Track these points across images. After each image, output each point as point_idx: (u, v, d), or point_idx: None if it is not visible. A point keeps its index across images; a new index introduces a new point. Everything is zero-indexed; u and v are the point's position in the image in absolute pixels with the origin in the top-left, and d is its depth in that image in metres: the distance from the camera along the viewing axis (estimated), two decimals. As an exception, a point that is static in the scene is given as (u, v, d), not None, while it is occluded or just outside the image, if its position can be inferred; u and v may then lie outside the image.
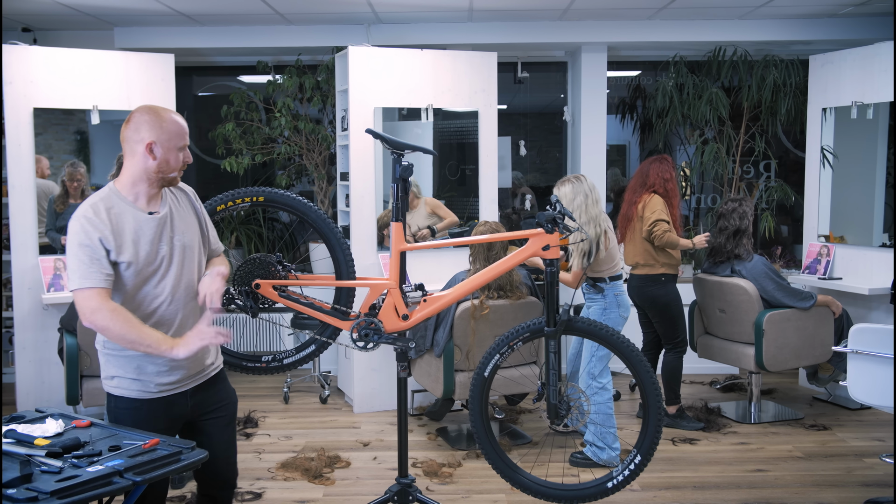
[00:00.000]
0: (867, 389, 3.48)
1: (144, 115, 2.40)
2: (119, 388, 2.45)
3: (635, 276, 4.83)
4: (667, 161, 4.81)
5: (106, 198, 2.39)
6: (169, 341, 2.34)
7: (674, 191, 4.75)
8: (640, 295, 4.83)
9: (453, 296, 3.12)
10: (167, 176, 2.43)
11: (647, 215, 4.67)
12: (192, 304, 2.51)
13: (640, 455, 3.11)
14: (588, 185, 4.14)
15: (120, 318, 2.28)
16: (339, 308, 3.10)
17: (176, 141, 2.41)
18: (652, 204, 4.69)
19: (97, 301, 2.28)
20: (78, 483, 1.96)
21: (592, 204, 4.11)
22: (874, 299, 5.21)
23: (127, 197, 2.41)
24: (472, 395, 3.22)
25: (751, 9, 5.59)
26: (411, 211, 5.59)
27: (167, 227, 2.45)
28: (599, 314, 4.36)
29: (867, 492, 3.86)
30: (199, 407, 2.56)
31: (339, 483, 4.04)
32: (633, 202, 4.78)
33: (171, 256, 2.44)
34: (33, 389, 4.92)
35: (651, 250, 4.70)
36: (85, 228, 2.31)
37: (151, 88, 5.22)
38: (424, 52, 5.30)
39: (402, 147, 3.04)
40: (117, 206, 2.38)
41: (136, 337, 2.29)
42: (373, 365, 5.22)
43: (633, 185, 4.85)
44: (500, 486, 3.89)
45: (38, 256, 4.92)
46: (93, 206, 2.36)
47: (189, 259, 2.50)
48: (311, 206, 3.07)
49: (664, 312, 4.79)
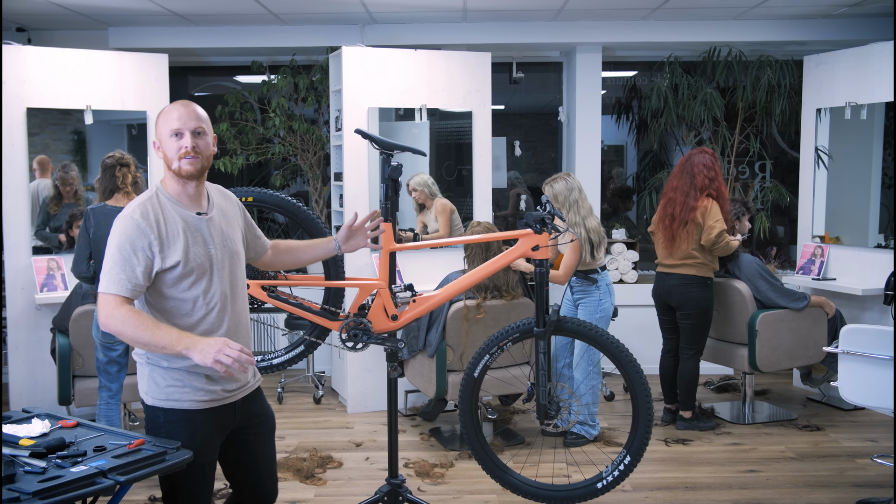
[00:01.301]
0: (858, 390, 3.48)
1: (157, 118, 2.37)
2: (169, 401, 2.32)
3: (674, 276, 4.68)
4: (708, 155, 4.64)
5: (153, 198, 2.31)
6: (185, 341, 2.17)
7: (722, 188, 4.63)
8: (681, 295, 4.67)
9: (443, 296, 3.11)
10: (179, 168, 2.31)
11: (710, 224, 4.52)
12: (236, 315, 2.41)
13: (630, 455, 3.11)
14: (577, 183, 4.36)
15: (132, 320, 2.18)
16: (329, 308, 3.09)
17: (164, 128, 2.32)
18: (713, 212, 4.53)
19: (112, 306, 2.20)
20: (61, 483, 1.95)
21: (583, 201, 4.36)
22: (868, 300, 5.21)
23: (172, 196, 2.33)
24: (461, 395, 3.22)
25: (745, 9, 5.59)
26: (426, 211, 5.58)
27: (217, 230, 2.38)
28: (596, 306, 4.41)
29: (859, 492, 3.86)
30: (244, 419, 2.47)
31: (330, 483, 4.04)
32: (691, 207, 4.57)
33: (221, 260, 2.36)
34: (26, 389, 4.92)
35: (702, 253, 4.60)
36: (129, 232, 2.23)
37: (145, 88, 5.22)
38: (418, 52, 5.30)
39: (392, 147, 3.03)
40: (166, 207, 2.30)
41: (150, 338, 2.17)
42: (366, 365, 5.22)
43: (679, 185, 4.65)
44: (492, 487, 3.89)
45: (31, 256, 4.92)
46: (140, 207, 2.27)
47: (237, 265, 2.44)
48: (300, 207, 3.07)
49: (702, 316, 4.69)
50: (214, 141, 2.43)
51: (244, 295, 2.47)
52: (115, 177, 3.92)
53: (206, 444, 2.36)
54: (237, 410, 2.44)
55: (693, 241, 4.60)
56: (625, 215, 7.37)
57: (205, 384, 2.34)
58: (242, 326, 2.45)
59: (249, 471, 2.54)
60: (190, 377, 2.33)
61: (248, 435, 2.50)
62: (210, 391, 2.35)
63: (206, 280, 2.33)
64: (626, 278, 6.21)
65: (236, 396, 2.43)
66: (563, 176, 4.38)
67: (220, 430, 2.41)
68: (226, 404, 2.40)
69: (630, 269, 6.22)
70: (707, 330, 4.76)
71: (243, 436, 2.49)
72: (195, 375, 2.33)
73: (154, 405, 2.34)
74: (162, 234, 2.26)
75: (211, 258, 2.34)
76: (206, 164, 2.37)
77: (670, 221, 4.66)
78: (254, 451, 2.52)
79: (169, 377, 2.32)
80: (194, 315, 2.32)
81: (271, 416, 2.61)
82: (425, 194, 5.54)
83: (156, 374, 2.33)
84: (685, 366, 4.76)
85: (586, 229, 4.32)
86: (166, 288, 2.29)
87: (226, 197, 2.52)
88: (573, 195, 4.32)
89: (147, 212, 2.26)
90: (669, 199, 4.70)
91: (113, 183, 3.93)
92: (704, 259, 4.63)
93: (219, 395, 2.37)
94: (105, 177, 3.95)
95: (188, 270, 2.29)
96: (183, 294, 2.31)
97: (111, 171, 3.94)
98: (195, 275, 2.31)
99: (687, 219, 4.60)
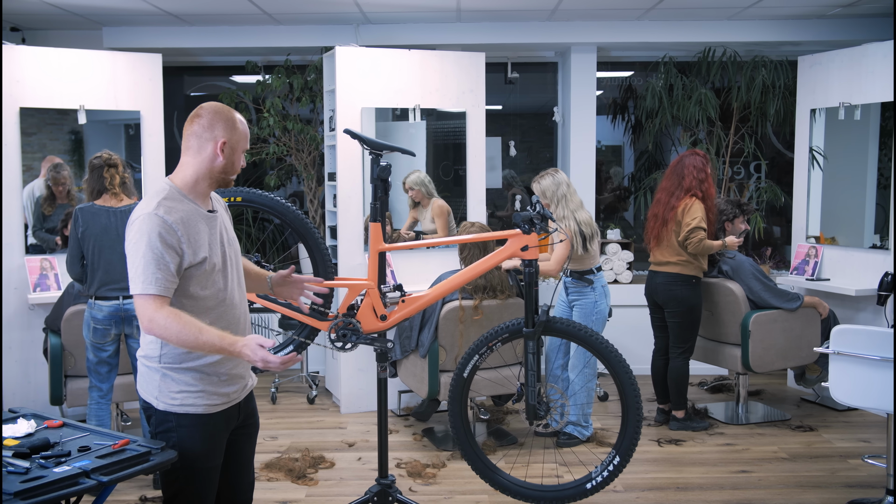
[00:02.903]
0: (849, 391, 3.47)
1: (220, 114, 2.32)
2: (184, 406, 2.28)
3: (661, 274, 4.73)
4: (700, 157, 4.68)
5: (171, 196, 2.27)
6: (228, 338, 2.18)
7: (710, 191, 4.67)
8: (666, 293, 4.72)
9: (432, 296, 3.11)
10: (229, 177, 2.36)
11: (687, 221, 4.57)
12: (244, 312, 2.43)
13: (619, 456, 3.11)
14: (565, 178, 4.41)
15: (177, 322, 2.15)
16: (318, 308, 3.09)
17: (244, 144, 2.38)
18: (693, 210, 4.58)
19: (153, 308, 2.16)
20: (43, 484, 1.95)
21: (572, 195, 4.40)
22: (861, 300, 5.21)
23: (188, 195, 2.31)
24: (451, 395, 3.22)
25: (739, 9, 5.59)
26: (420, 209, 5.57)
27: (224, 228, 2.40)
28: (591, 308, 4.41)
29: (850, 493, 3.85)
30: (244, 419, 2.49)
31: (322, 483, 4.04)
32: (672, 206, 4.65)
33: (230, 257, 2.38)
34: (19, 389, 4.92)
35: (687, 251, 4.63)
36: (158, 230, 2.19)
37: (139, 88, 5.22)
38: (412, 52, 5.30)
39: (380, 147, 3.03)
40: (183, 203, 2.28)
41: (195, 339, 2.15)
42: (360, 365, 5.22)
43: (667, 186, 4.72)
44: (483, 488, 3.88)
45: (24, 256, 4.92)
46: (163, 204, 2.23)
47: (240, 264, 2.46)
48: (288, 207, 3.07)
49: (688, 315, 4.71)
50: None
51: (245, 294, 2.48)
52: (102, 177, 3.91)
53: (218, 446, 2.36)
54: (241, 410, 2.45)
55: (675, 240, 4.65)
56: (621, 215, 7.37)
57: (218, 388, 2.32)
58: (247, 322, 2.46)
59: (232, 471, 2.53)
60: (204, 381, 2.30)
61: (240, 435, 2.50)
62: (223, 394, 2.34)
63: (222, 277, 2.33)
64: (621, 278, 6.21)
65: (241, 397, 2.44)
66: (549, 172, 4.42)
67: (227, 432, 2.42)
68: (233, 405, 2.40)
69: (624, 270, 6.22)
70: (695, 329, 4.77)
71: (235, 436, 2.48)
72: (210, 378, 2.31)
73: (167, 410, 2.30)
74: (189, 230, 2.25)
75: (224, 255, 2.35)
76: None
77: (654, 221, 4.75)
78: (239, 450, 2.52)
79: (182, 382, 2.29)
80: (211, 313, 2.30)
81: (257, 416, 2.62)
82: (422, 193, 5.53)
83: (168, 378, 2.29)
84: (674, 365, 4.77)
85: (577, 222, 4.33)
86: (189, 285, 2.27)
87: (218, 199, 2.53)
88: (560, 189, 4.35)
89: (171, 209, 2.24)
90: (657, 199, 4.80)
91: (101, 184, 3.93)
92: (690, 258, 4.65)
93: (230, 397, 2.37)
94: (93, 177, 3.94)
95: (211, 266, 2.29)
96: (203, 291, 2.29)
97: (99, 171, 3.93)
98: (215, 271, 2.31)
99: (668, 217, 4.67)
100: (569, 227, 4.29)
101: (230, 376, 2.36)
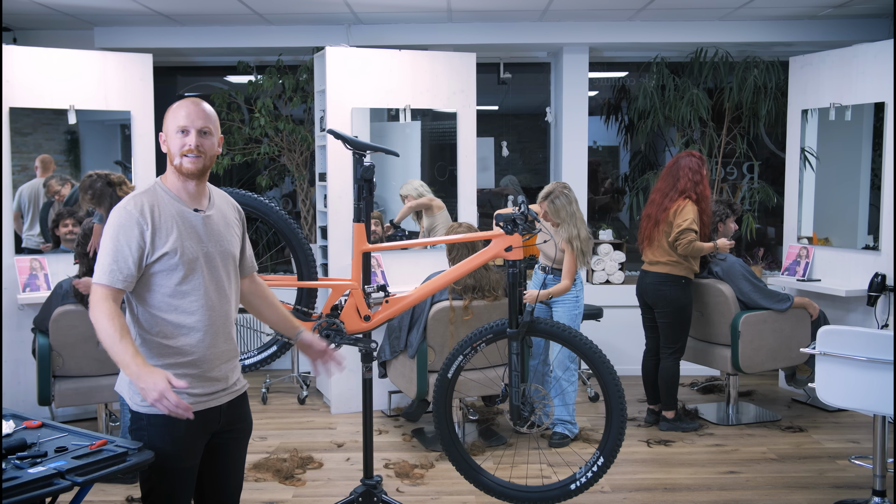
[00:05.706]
0: (835, 391, 3.47)
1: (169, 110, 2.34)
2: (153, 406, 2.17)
3: (651, 274, 4.74)
4: (696, 159, 4.67)
5: (150, 190, 2.32)
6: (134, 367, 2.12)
7: (705, 193, 4.66)
8: (655, 293, 4.72)
9: (416, 296, 3.11)
10: (183, 167, 2.30)
11: (678, 222, 4.57)
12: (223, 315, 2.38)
13: (604, 457, 3.11)
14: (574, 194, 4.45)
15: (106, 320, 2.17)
16: (301, 309, 3.09)
17: (171, 123, 2.31)
18: (685, 212, 4.58)
19: (98, 296, 2.21)
20: (17, 484, 1.94)
21: (578, 210, 4.44)
22: (852, 301, 5.21)
23: (171, 191, 2.34)
24: (435, 396, 3.22)
25: (731, 10, 5.59)
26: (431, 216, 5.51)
27: (213, 229, 2.37)
28: (574, 304, 4.46)
29: (837, 494, 3.85)
30: (227, 423, 2.44)
31: (309, 484, 4.04)
32: (665, 207, 4.65)
33: (214, 258, 2.34)
34: (8, 390, 4.91)
35: (677, 252, 4.63)
36: (122, 223, 2.24)
37: (129, 88, 5.22)
38: (402, 52, 5.29)
39: (364, 147, 3.03)
40: (163, 199, 2.31)
41: (110, 345, 2.16)
42: (350, 366, 5.19)
43: (662, 186, 4.72)
44: (470, 488, 3.85)
45: (13, 256, 4.91)
46: (135, 198, 2.29)
47: (230, 266, 2.41)
48: (272, 207, 3.07)
49: (678, 315, 4.71)
50: (220, 142, 2.41)
51: (234, 296, 2.44)
52: (116, 195, 3.95)
53: (189, 448, 2.34)
54: (222, 415, 2.42)
55: (666, 241, 4.65)
56: (615, 216, 7.37)
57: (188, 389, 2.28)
58: (228, 326, 2.42)
59: (217, 474, 2.51)
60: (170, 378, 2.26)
61: (227, 439, 2.48)
62: (192, 395, 2.31)
63: (198, 277, 2.31)
64: (613, 279, 6.21)
65: (221, 400, 2.40)
66: (560, 189, 4.39)
67: (204, 434, 2.39)
68: (211, 408, 2.37)
69: (616, 270, 6.21)
70: (685, 329, 4.76)
71: (221, 439, 2.46)
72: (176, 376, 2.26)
73: (138, 410, 2.30)
74: (155, 224, 2.26)
75: (204, 255, 2.33)
76: (209, 165, 2.36)
77: (647, 221, 4.75)
78: (226, 455, 2.49)
79: None
80: (181, 311, 2.30)
81: (250, 423, 2.58)
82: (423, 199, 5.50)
83: None
84: (664, 365, 4.76)
85: (580, 240, 4.35)
86: (156, 280, 2.28)
87: (228, 203, 2.51)
88: (572, 207, 4.38)
89: (141, 203, 2.27)
90: (651, 199, 4.80)
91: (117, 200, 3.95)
92: (680, 258, 4.64)
93: (200, 399, 2.34)
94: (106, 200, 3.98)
95: (179, 263, 2.28)
96: (172, 288, 2.29)
97: (111, 190, 3.98)
98: (186, 269, 2.29)
99: (660, 218, 4.67)
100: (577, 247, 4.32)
101: (204, 378, 2.34)
